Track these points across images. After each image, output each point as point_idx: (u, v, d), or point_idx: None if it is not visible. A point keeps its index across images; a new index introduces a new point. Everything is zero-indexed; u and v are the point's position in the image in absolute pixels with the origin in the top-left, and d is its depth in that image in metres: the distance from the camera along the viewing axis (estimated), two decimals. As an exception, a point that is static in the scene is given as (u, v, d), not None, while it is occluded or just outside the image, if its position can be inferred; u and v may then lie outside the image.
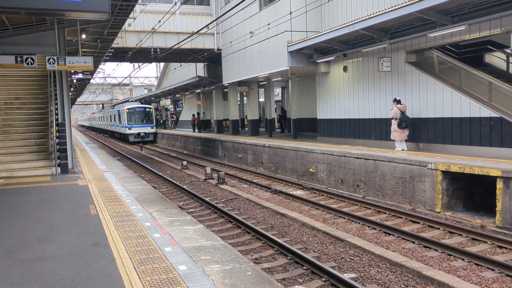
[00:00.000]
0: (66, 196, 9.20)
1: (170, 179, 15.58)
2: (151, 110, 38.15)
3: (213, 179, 15.70)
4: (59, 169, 12.30)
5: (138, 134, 36.82)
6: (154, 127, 38.27)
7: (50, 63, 11.73)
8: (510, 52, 13.84)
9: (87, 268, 4.85)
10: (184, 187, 13.98)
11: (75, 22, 12.47)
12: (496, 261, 6.65)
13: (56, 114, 13.56)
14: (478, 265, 6.75)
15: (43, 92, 15.54)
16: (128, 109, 36.98)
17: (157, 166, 21.00)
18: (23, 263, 5.10)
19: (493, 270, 6.50)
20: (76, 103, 64.26)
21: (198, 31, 19.90)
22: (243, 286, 4.38)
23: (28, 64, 11.60)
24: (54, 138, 12.58)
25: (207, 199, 12.09)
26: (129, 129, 36.74)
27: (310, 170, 14.84)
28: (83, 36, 15.80)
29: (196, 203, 12.02)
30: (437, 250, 7.45)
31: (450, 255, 7.21)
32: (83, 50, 17.62)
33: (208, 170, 16.12)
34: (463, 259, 6.97)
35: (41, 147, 13.52)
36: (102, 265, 4.91)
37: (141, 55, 26.38)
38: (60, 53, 12.64)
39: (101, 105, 75.99)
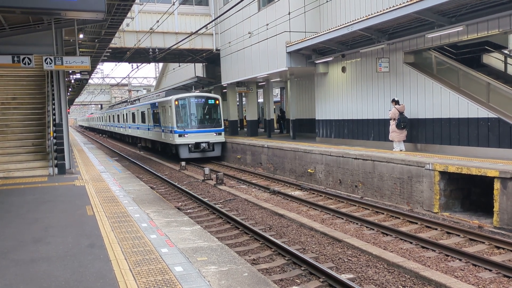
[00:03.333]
0: (63, 196, 9.16)
1: (168, 180, 15.54)
2: (217, 102, 22.18)
3: (212, 179, 15.67)
4: (56, 169, 12.27)
5: (197, 145, 21.03)
6: (223, 133, 22.07)
7: (47, 63, 11.72)
8: (507, 53, 13.85)
9: (82, 269, 4.82)
10: (182, 187, 13.93)
11: (72, 22, 12.45)
12: (493, 262, 6.63)
13: (54, 115, 13.53)
14: (475, 265, 6.74)
15: (40, 92, 15.50)
16: (177, 100, 21.38)
17: (155, 166, 20.94)
18: (17, 264, 5.06)
19: (490, 270, 6.49)
20: (74, 103, 64.26)
21: (196, 31, 19.86)
22: (240, 287, 4.35)
23: (25, 64, 11.61)
24: (51, 138, 12.55)
25: (205, 199, 12.05)
26: (179, 136, 20.96)
27: (309, 170, 14.82)
28: (81, 36, 15.78)
29: (194, 203, 11.98)
30: (434, 251, 7.44)
31: (448, 256, 7.20)
32: (80, 50, 17.60)
33: (207, 170, 16.08)
34: (460, 260, 6.96)
35: (38, 147, 13.47)
36: (97, 266, 4.88)
37: (139, 55, 26.35)
38: (57, 53, 12.62)
39: (100, 106, 75.85)
